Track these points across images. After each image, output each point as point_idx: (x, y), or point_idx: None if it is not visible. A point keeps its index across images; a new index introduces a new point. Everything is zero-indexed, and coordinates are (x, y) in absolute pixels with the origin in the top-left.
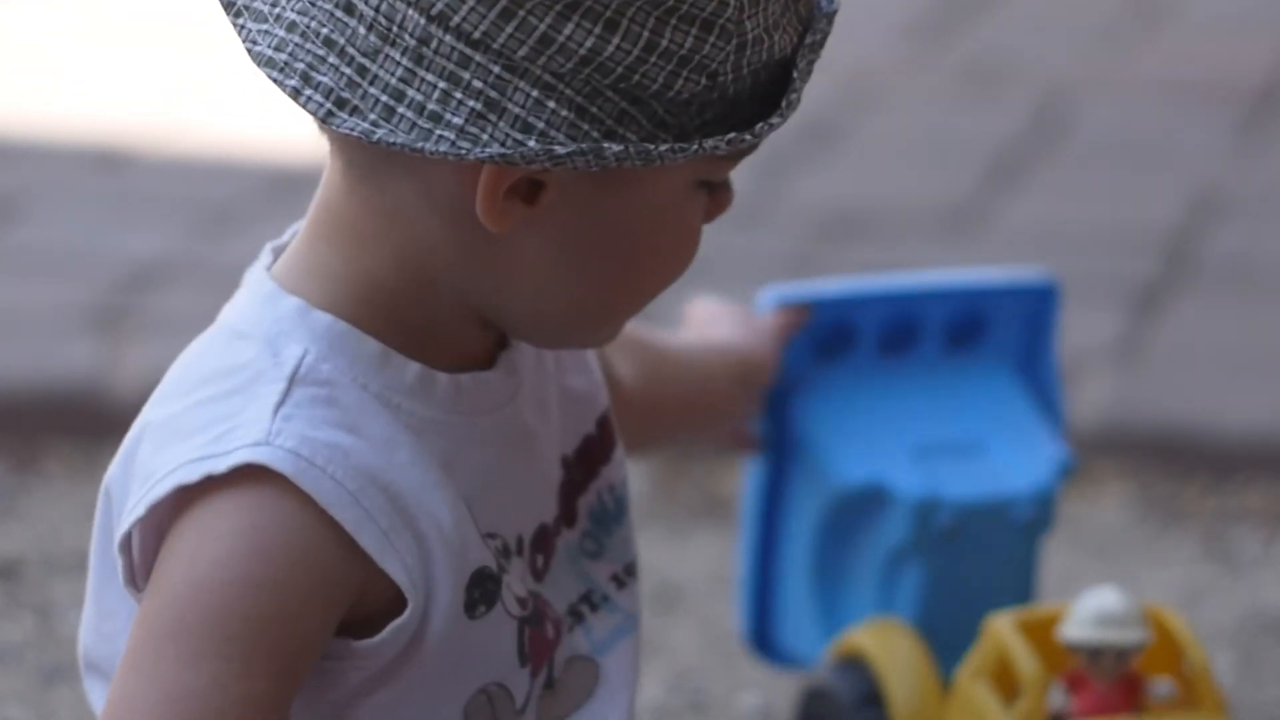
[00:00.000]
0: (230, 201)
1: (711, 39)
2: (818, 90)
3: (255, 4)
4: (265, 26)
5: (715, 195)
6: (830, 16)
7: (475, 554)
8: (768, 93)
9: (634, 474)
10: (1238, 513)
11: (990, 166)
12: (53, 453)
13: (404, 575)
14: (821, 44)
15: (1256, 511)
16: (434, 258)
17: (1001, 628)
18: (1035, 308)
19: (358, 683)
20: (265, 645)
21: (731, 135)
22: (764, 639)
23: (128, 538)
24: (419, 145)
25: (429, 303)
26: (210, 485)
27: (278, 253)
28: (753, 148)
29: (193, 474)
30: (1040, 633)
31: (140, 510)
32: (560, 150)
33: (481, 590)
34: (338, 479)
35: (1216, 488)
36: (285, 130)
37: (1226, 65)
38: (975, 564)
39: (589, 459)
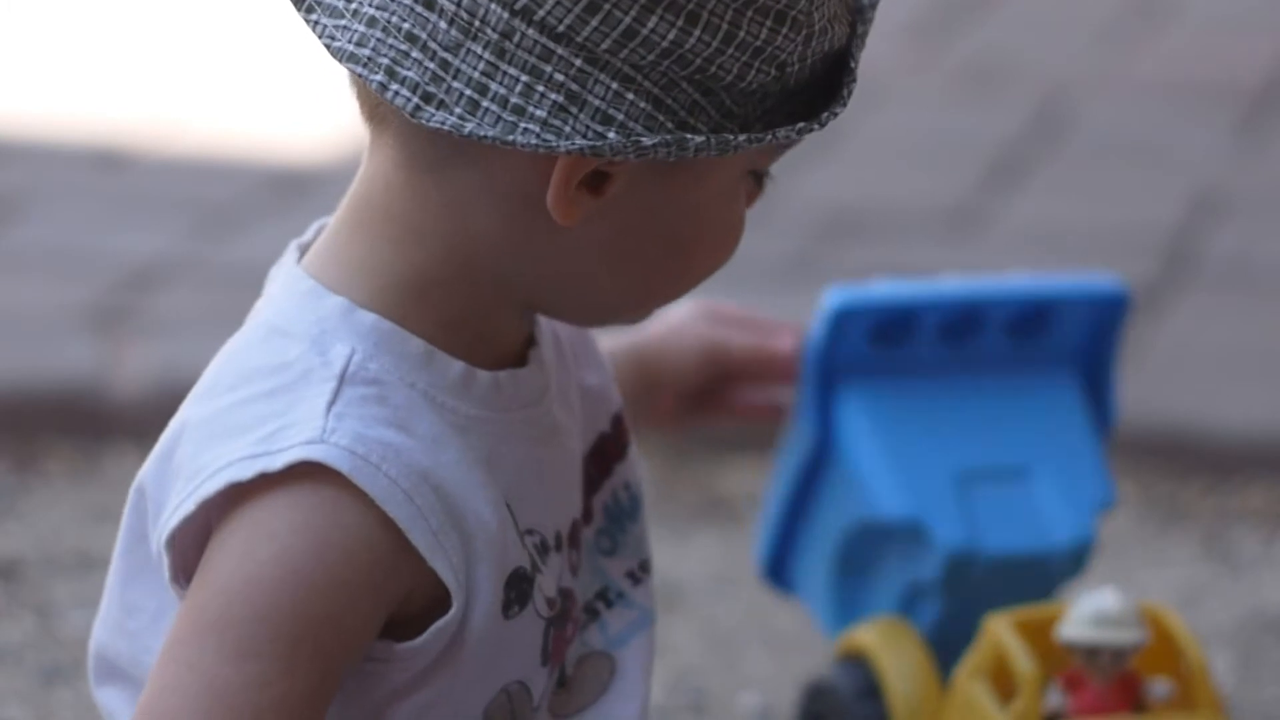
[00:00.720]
0: (230, 201)
1: (784, 31)
2: None
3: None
4: (343, 22)
5: (756, 184)
6: (874, 6)
7: (514, 554)
8: (822, 82)
9: None
10: (1238, 513)
11: (990, 166)
12: (53, 453)
13: (451, 575)
14: (867, 34)
15: (1256, 511)
16: (487, 249)
17: (999, 627)
18: (1105, 314)
19: (398, 684)
20: (311, 646)
21: (802, 125)
22: (778, 574)
23: (174, 534)
24: (508, 138)
25: (473, 295)
26: (264, 483)
27: (304, 249)
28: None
29: (246, 471)
30: (1038, 632)
31: (190, 506)
32: (646, 142)
33: (517, 591)
34: (392, 477)
35: (1216, 488)
36: (285, 130)
37: (1226, 65)
38: (997, 596)
39: (604, 456)
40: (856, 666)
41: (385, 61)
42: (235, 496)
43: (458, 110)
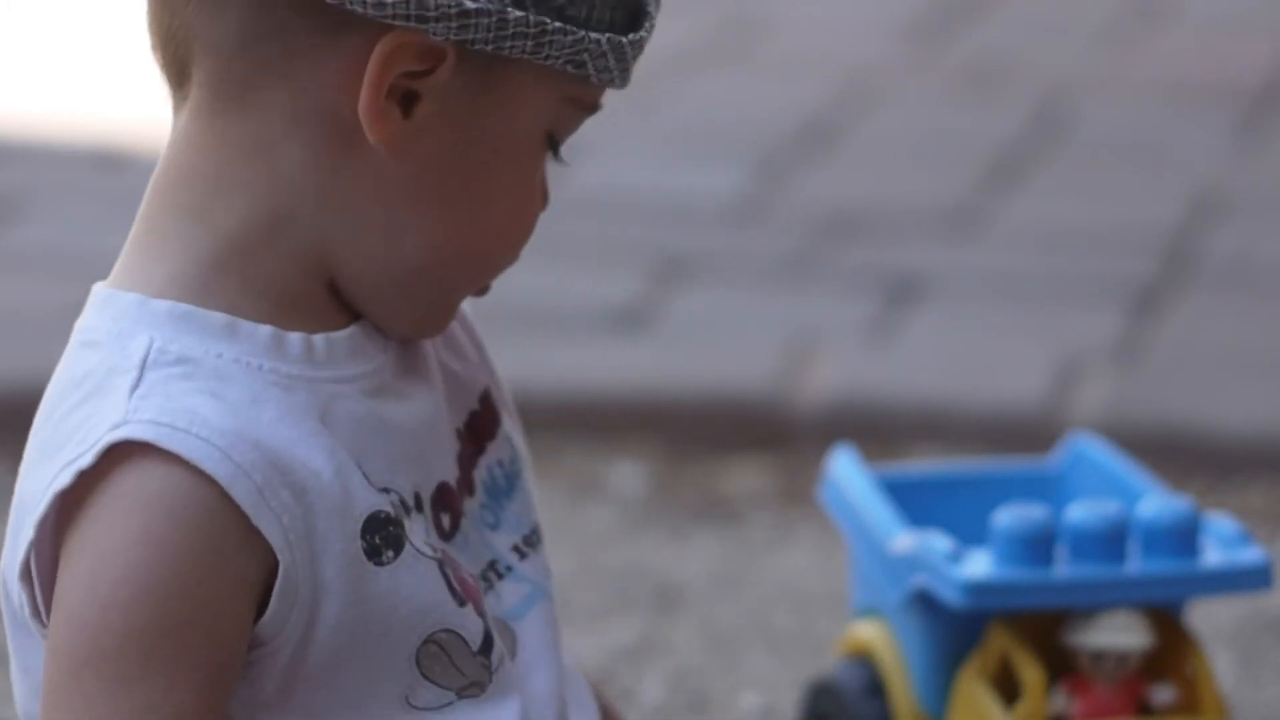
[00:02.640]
0: None
1: None
2: (817, 90)
3: None
4: None
5: (542, 180)
6: None
7: (364, 500)
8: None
9: (634, 475)
10: (1238, 513)
11: (990, 166)
12: None
13: (277, 531)
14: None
15: (1256, 511)
16: (291, 197)
17: (1003, 630)
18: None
19: (283, 668)
20: (187, 653)
21: (610, 35)
22: None
23: (26, 566)
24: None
25: (276, 261)
26: (85, 484)
27: None
28: (599, 94)
29: (66, 478)
30: (1042, 635)
31: (30, 532)
32: (470, 4)
33: (382, 534)
34: (203, 437)
35: (1216, 488)
36: None
37: (1226, 65)
38: None
39: (476, 433)
40: (860, 665)
41: None
42: (66, 510)
43: None
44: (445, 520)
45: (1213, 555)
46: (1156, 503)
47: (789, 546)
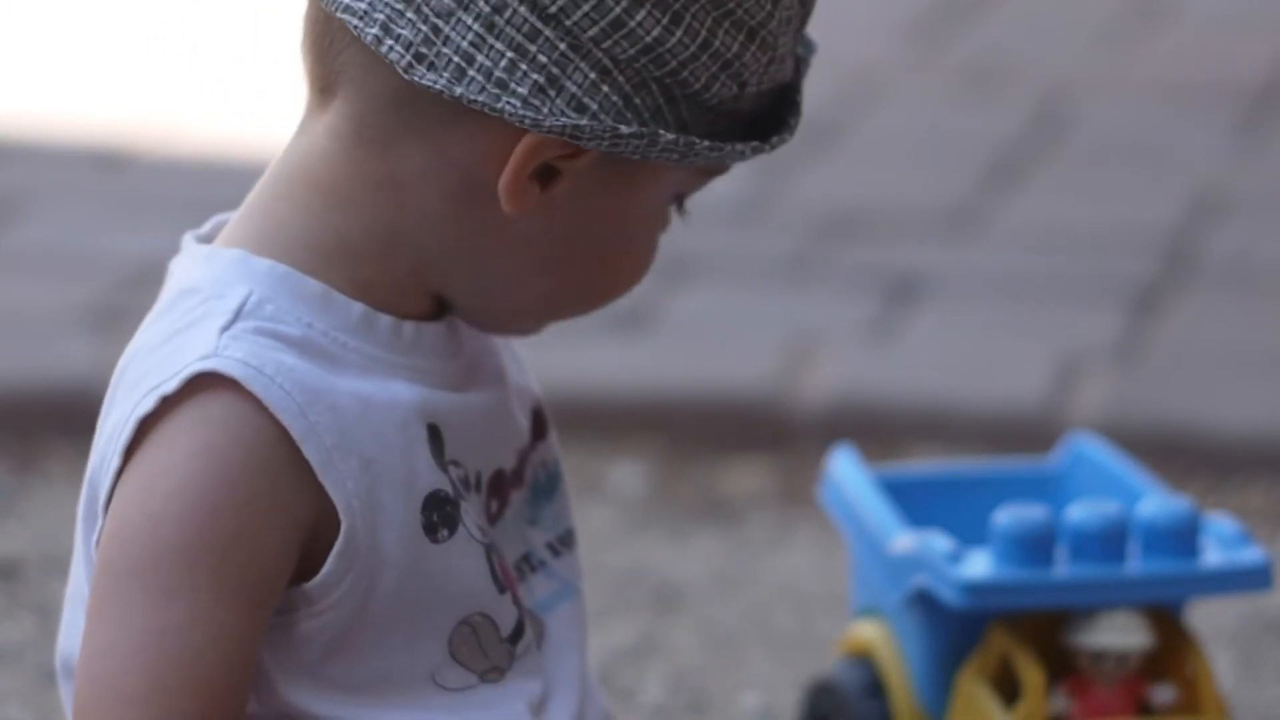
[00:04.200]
0: (230, 202)
1: (753, 48)
2: (818, 90)
3: None
4: None
5: (677, 210)
6: (812, 52)
7: (428, 477)
8: (766, 115)
9: (634, 474)
10: (1238, 513)
11: (990, 166)
12: (53, 453)
13: (341, 495)
14: (803, 80)
15: (1256, 511)
16: (416, 227)
17: (1003, 630)
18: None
19: (331, 634)
20: (232, 571)
21: (755, 144)
22: None
23: (109, 496)
24: (496, 105)
25: (384, 269)
26: (165, 409)
27: (200, 240)
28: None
29: (149, 403)
30: (1042, 635)
31: (115, 461)
32: (623, 130)
33: (440, 513)
34: (286, 389)
35: (1216, 488)
36: (285, 130)
37: (1226, 65)
38: None
39: (533, 432)
40: (860, 665)
41: (381, 17)
42: (143, 432)
43: (445, 75)
44: (494, 505)
45: (1213, 555)
46: (1156, 503)
47: (789, 546)
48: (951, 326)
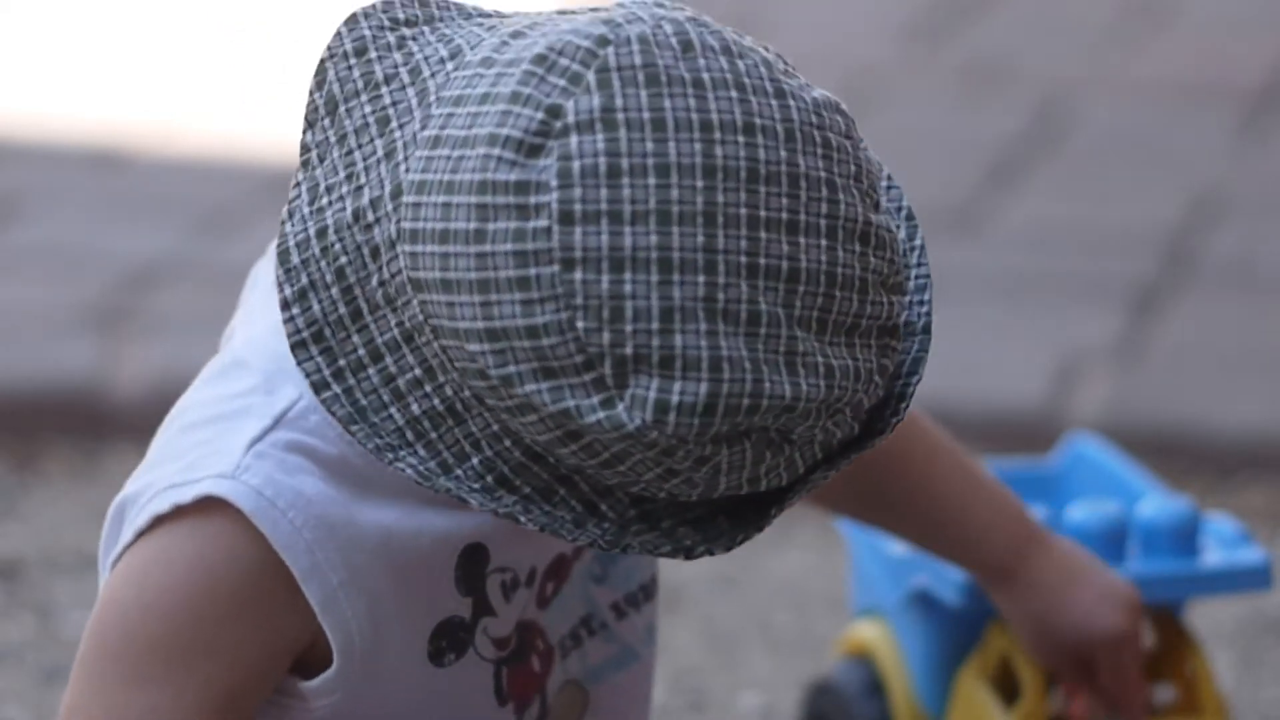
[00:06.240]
0: (230, 201)
1: (741, 479)
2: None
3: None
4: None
5: None
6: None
7: (446, 605)
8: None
9: None
10: (1238, 513)
11: (990, 166)
12: (53, 453)
13: (341, 632)
14: (817, 484)
15: (1256, 511)
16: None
17: (1003, 630)
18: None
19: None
20: (200, 677)
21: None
22: None
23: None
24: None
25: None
26: (177, 512)
27: None
28: None
29: (163, 505)
30: None
31: (128, 537)
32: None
33: (450, 639)
34: (296, 525)
35: (1216, 488)
36: (285, 130)
37: (1226, 65)
38: None
39: None
40: (860, 665)
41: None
42: (158, 523)
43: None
44: (550, 588)
45: (1213, 555)
46: (1156, 503)
47: (789, 546)
48: (951, 326)
